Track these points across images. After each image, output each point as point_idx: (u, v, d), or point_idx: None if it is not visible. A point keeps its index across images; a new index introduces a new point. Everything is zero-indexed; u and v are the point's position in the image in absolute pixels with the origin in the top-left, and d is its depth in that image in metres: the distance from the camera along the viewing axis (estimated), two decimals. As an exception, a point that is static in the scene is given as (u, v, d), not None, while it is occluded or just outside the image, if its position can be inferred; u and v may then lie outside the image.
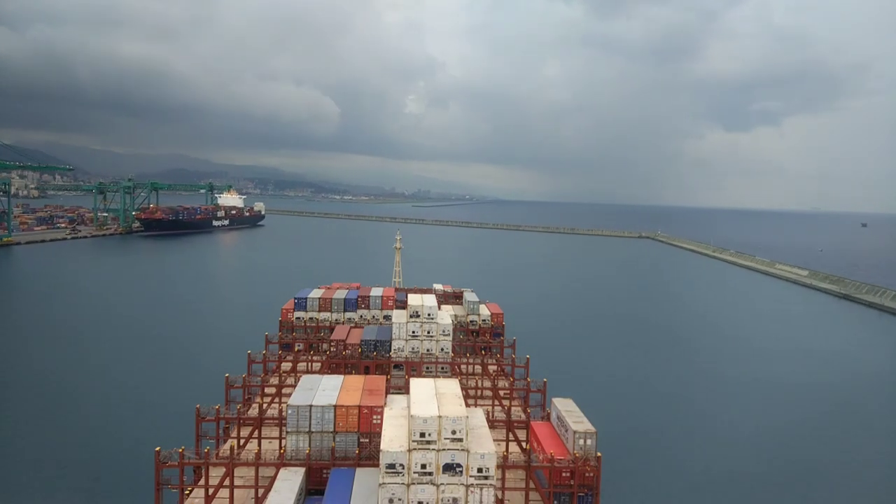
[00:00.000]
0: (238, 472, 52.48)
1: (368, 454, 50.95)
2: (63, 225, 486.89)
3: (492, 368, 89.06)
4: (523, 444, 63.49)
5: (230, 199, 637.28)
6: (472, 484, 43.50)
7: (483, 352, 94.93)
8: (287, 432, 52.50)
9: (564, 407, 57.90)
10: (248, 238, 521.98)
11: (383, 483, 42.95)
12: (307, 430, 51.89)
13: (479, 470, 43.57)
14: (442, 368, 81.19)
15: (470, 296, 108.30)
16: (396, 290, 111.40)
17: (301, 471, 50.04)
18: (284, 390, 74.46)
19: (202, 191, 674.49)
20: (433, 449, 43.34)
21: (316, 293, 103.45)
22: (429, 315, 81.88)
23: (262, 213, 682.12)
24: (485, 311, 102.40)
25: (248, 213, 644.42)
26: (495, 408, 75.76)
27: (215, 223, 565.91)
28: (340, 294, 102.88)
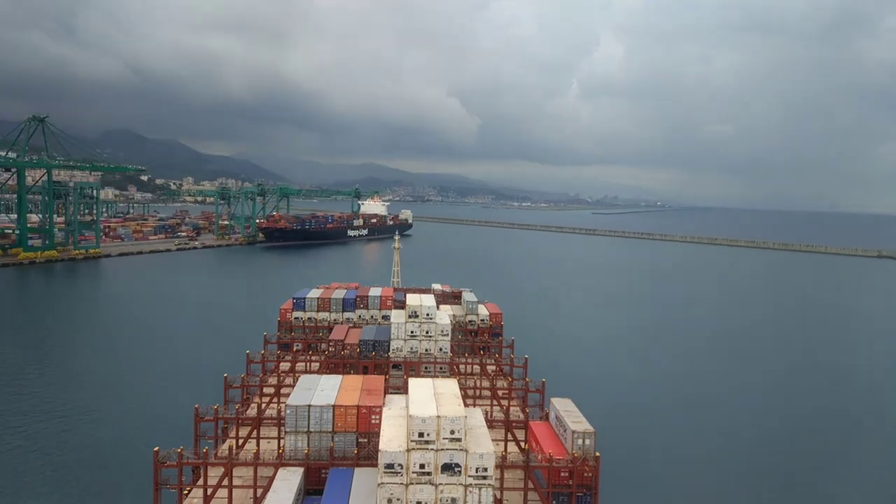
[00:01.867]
0: (237, 472, 52.45)
1: (367, 454, 50.94)
2: (184, 234, 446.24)
3: (490, 368, 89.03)
4: (522, 444, 63.49)
5: (372, 207, 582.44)
6: (471, 484, 43.47)
7: (482, 352, 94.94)
8: (286, 432, 52.48)
9: (563, 407, 57.91)
10: (383, 250, 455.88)
11: (382, 483, 42.92)
12: (306, 429, 51.86)
13: (478, 470, 43.57)
14: (440, 368, 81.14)
15: (468, 296, 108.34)
16: (395, 289, 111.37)
17: (300, 471, 50.02)
18: (283, 390, 74.42)
19: (346, 198, 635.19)
20: (432, 449, 43.31)
21: (315, 293, 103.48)
22: (427, 315, 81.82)
23: (409, 221, 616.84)
24: (483, 310, 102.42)
25: (391, 222, 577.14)
26: (494, 408, 75.74)
27: (351, 233, 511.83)
28: (339, 294, 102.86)
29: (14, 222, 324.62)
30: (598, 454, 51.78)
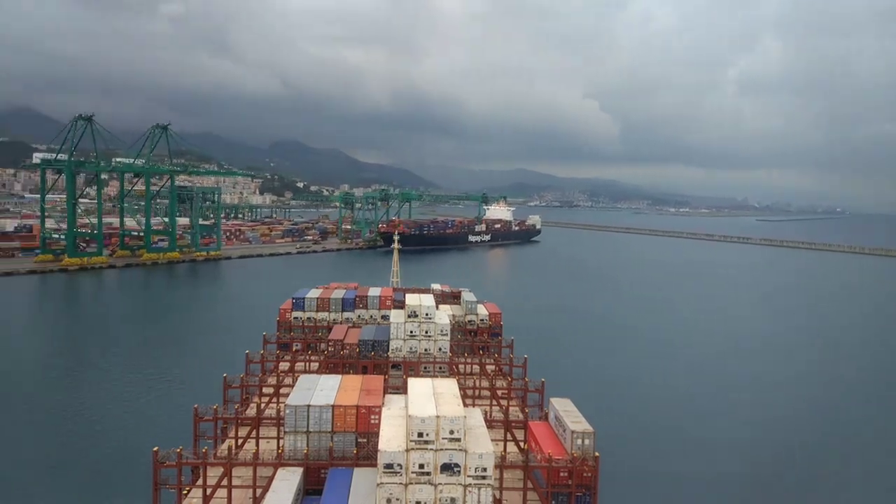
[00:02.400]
0: (236, 472, 52.45)
1: (366, 454, 50.95)
2: (310, 238, 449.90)
3: (490, 368, 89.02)
4: (521, 445, 63.50)
5: (497, 212, 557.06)
6: (470, 484, 43.51)
7: (481, 351, 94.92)
8: (285, 432, 52.49)
9: (562, 407, 57.94)
10: (507, 257, 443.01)
11: (381, 483, 42.95)
12: (305, 429, 51.86)
13: (477, 470, 43.59)
14: (440, 368, 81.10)
15: (468, 295, 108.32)
16: (394, 289, 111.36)
17: (299, 471, 50.03)
18: (282, 390, 74.39)
19: (472, 202, 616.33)
20: (431, 449, 43.34)
21: (314, 293, 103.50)
22: (427, 315, 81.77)
23: (538, 227, 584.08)
24: (482, 310, 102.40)
25: (517, 227, 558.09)
26: (493, 408, 75.75)
27: (472, 238, 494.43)
28: (338, 294, 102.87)
29: (144, 226, 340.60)
30: (597, 454, 51.80)
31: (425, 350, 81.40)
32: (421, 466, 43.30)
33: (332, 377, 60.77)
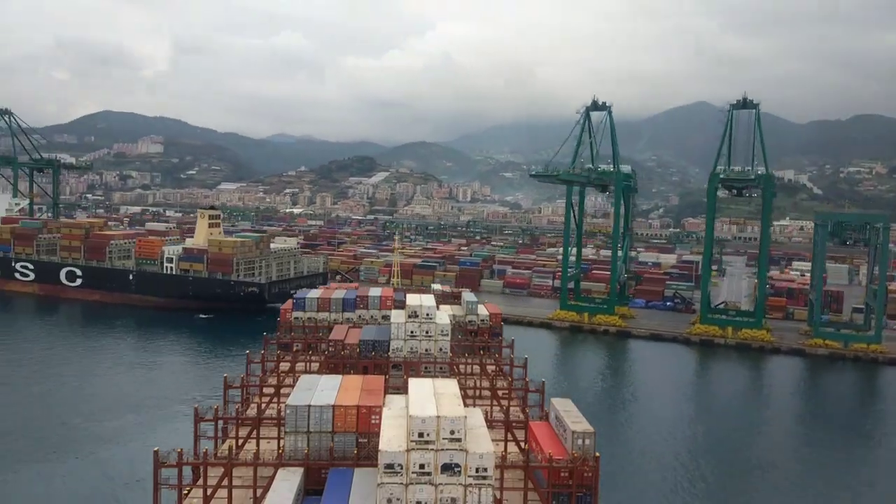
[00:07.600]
0: (236, 472, 52.42)
1: (367, 454, 50.88)
2: None
3: (490, 368, 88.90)
4: (522, 445, 63.44)
5: None
6: (471, 484, 43.46)
7: (481, 352, 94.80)
8: (285, 432, 52.45)
9: (563, 407, 57.86)
10: None
11: (382, 483, 42.94)
12: (305, 430, 51.81)
13: (478, 470, 43.55)
14: (440, 368, 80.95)
15: (468, 296, 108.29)
16: (395, 289, 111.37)
17: (299, 471, 50.01)
18: (283, 390, 74.25)
19: None
20: (432, 449, 43.30)
21: (315, 293, 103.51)
22: (427, 315, 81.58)
23: None
24: (483, 310, 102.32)
25: None
26: (493, 408, 75.67)
27: None
28: (339, 294, 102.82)
29: None
30: (598, 454, 51.75)
31: (426, 350, 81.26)
32: (421, 466, 43.25)
33: (333, 377, 60.68)
